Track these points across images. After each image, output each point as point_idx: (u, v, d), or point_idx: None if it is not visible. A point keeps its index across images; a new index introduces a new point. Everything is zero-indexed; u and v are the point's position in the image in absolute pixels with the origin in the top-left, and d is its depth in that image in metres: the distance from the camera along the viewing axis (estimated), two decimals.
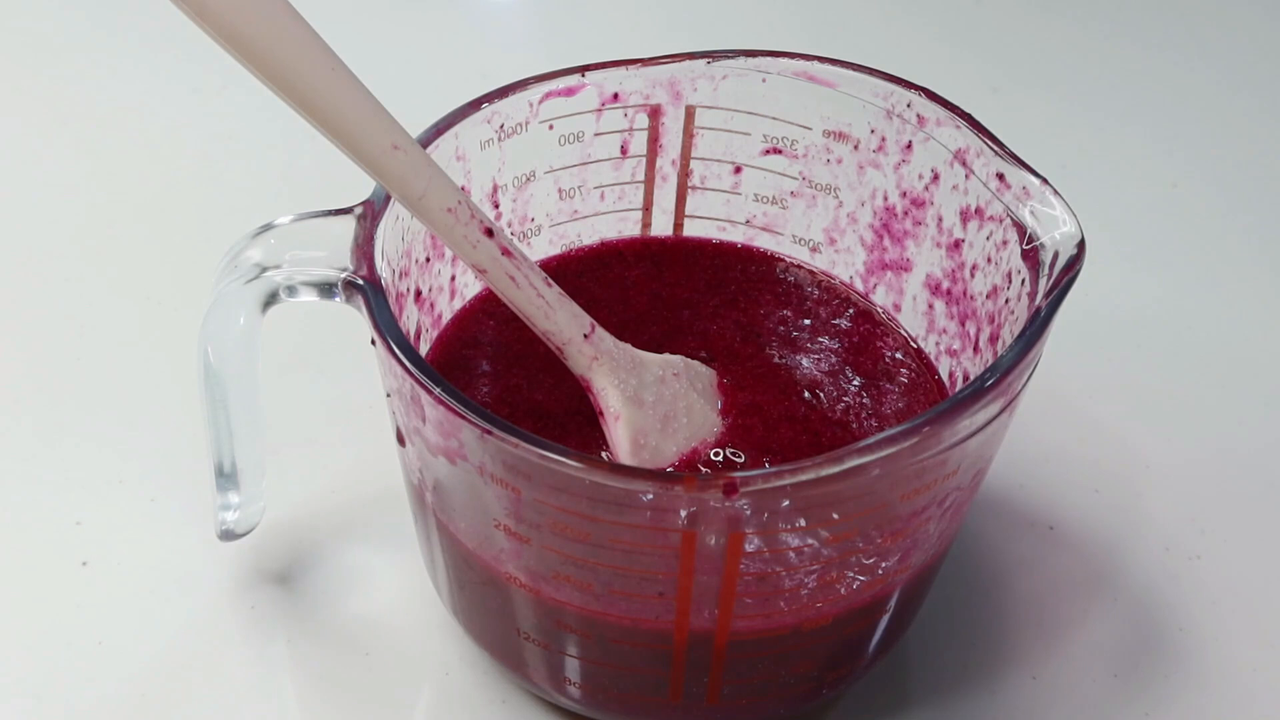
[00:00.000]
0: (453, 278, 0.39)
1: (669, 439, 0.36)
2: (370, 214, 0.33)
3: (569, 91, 0.38)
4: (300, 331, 0.43)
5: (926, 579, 0.36)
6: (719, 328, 0.40)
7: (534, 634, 0.34)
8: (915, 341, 0.40)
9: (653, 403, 0.36)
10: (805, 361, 0.39)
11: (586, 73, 0.38)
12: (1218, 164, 0.60)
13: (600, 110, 0.39)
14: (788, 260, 0.42)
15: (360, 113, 0.30)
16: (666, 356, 0.37)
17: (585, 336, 0.35)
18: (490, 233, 0.33)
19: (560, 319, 0.35)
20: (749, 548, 0.30)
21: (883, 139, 0.38)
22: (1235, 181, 0.59)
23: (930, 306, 0.39)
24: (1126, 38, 0.69)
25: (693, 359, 0.38)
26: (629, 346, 0.36)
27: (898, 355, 0.40)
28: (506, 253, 0.33)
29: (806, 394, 0.38)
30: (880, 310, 0.41)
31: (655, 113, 0.40)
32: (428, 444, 0.31)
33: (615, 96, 0.39)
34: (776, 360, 0.39)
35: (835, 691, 0.37)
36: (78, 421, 0.46)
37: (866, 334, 0.40)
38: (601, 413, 0.36)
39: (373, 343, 0.32)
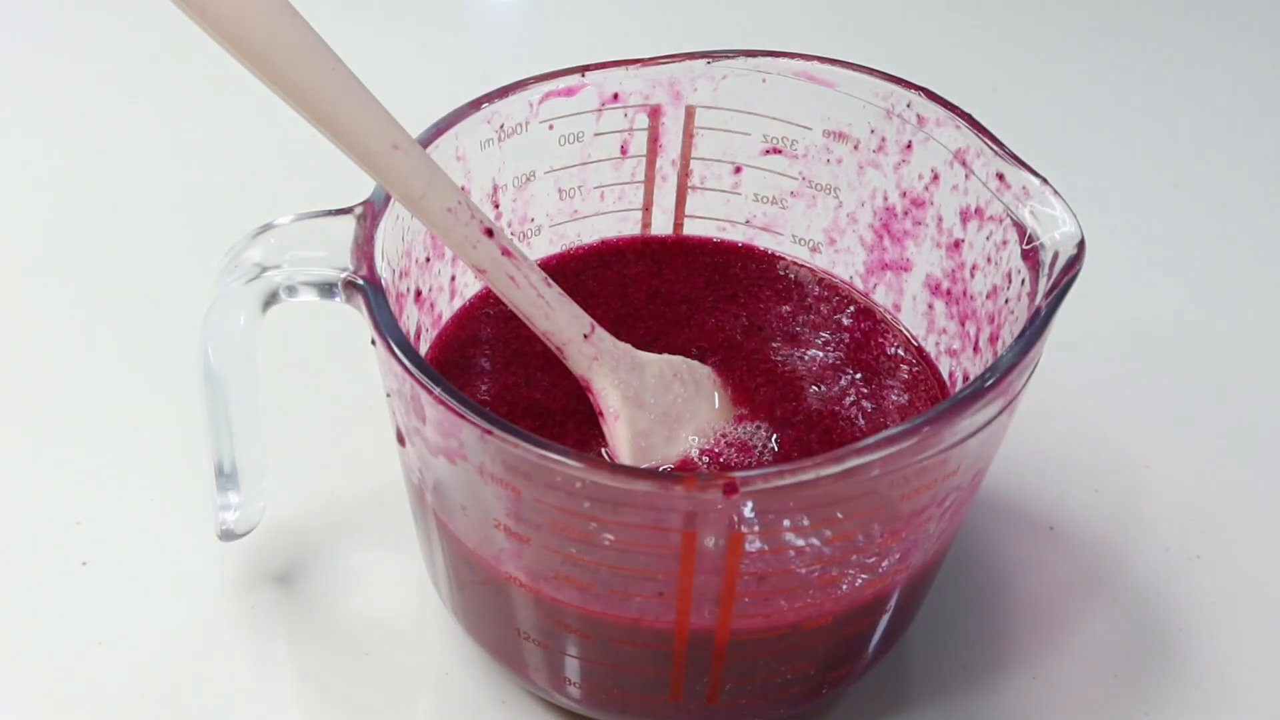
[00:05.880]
0: (453, 278, 0.39)
1: (669, 439, 0.36)
2: (370, 214, 0.33)
3: (569, 91, 0.38)
4: (300, 331, 0.43)
5: (926, 579, 0.36)
6: (717, 322, 0.40)
7: (534, 634, 0.34)
8: (915, 341, 0.40)
9: (653, 403, 0.36)
10: (805, 361, 0.39)
11: (586, 73, 0.38)
12: (1218, 164, 0.60)
13: (600, 110, 0.39)
14: (788, 260, 0.42)
15: (360, 112, 0.30)
16: (667, 357, 0.37)
17: (585, 336, 0.35)
18: (490, 233, 0.33)
19: (560, 319, 0.35)
20: (749, 547, 0.30)
21: (883, 139, 0.38)
22: (1235, 181, 0.59)
23: (930, 306, 0.39)
24: (1126, 38, 0.69)
25: (691, 359, 0.38)
26: (629, 347, 0.36)
27: (898, 355, 0.40)
28: (506, 253, 0.33)
29: (806, 394, 0.38)
30: (880, 310, 0.41)
31: (655, 113, 0.40)
32: (428, 444, 0.31)
33: (615, 96, 0.39)
34: (776, 360, 0.39)
35: (835, 691, 0.37)
36: (78, 421, 0.46)
37: (866, 334, 0.40)
38: (601, 413, 0.36)
39: (373, 343, 0.32)
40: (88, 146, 0.59)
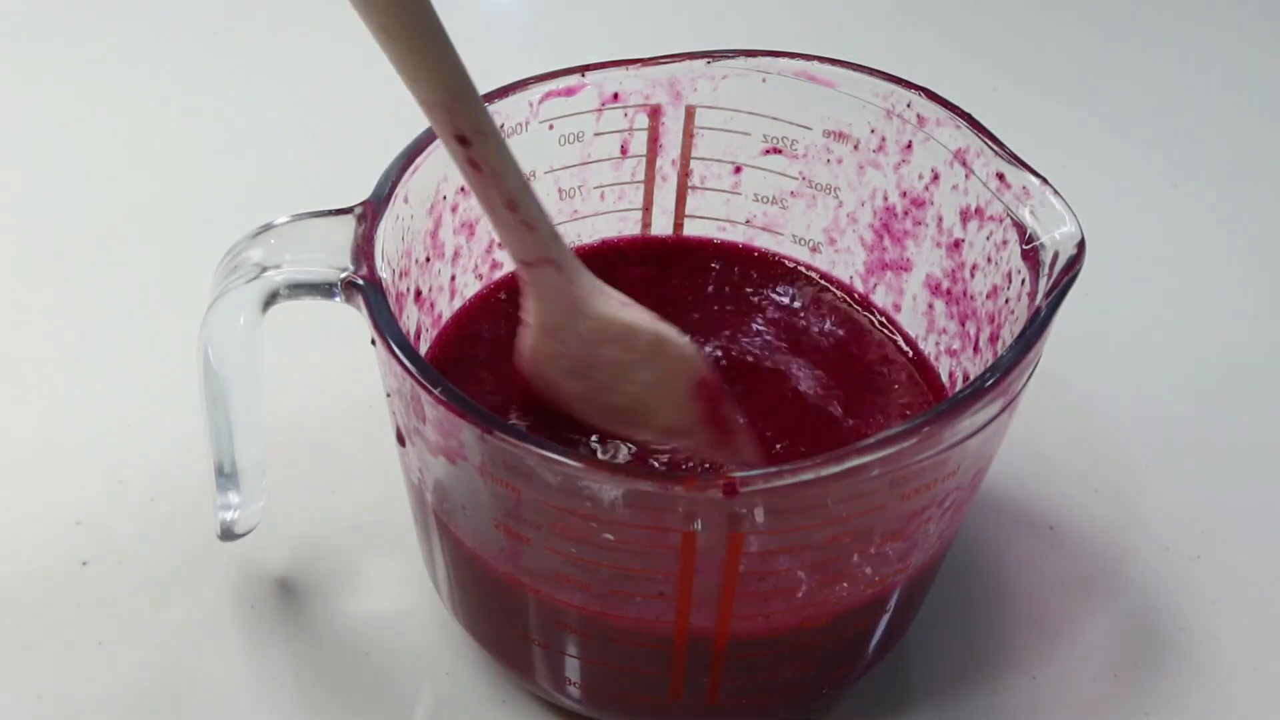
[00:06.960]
0: (453, 277, 0.39)
1: (588, 397, 0.36)
2: (370, 214, 0.33)
3: (569, 91, 0.38)
4: (300, 331, 0.43)
5: (926, 579, 0.36)
6: (717, 322, 0.40)
7: (534, 634, 0.34)
8: (915, 341, 0.40)
9: (567, 353, 0.35)
10: (805, 361, 0.39)
11: (586, 73, 0.38)
12: (1218, 164, 0.60)
13: (600, 110, 0.39)
14: (788, 260, 0.42)
15: None
16: (638, 324, 0.35)
17: (527, 264, 0.34)
18: (463, 140, 0.31)
19: (512, 246, 0.34)
20: (749, 548, 0.30)
21: (883, 139, 0.38)
22: (1235, 181, 0.59)
23: (930, 306, 0.39)
24: (1126, 38, 0.69)
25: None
26: (594, 288, 0.35)
27: (898, 355, 0.40)
28: (474, 164, 0.31)
29: (806, 394, 0.38)
30: (880, 310, 0.41)
31: (655, 113, 0.40)
32: (428, 444, 0.31)
33: (615, 96, 0.39)
34: (775, 360, 0.39)
35: (835, 691, 0.37)
36: (78, 421, 0.46)
37: (866, 334, 0.40)
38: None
39: (373, 343, 0.32)
40: (87, 146, 0.59)
